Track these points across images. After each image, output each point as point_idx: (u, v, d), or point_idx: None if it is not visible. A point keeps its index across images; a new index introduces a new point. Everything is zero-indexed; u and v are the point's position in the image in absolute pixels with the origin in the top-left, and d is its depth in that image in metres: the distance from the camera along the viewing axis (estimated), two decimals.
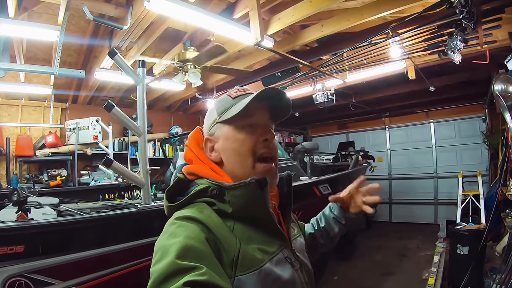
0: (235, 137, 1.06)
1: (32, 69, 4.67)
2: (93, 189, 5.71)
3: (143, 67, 2.92)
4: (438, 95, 7.57)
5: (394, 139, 10.32)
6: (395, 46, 4.92)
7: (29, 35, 4.04)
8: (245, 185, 0.94)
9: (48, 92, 6.55)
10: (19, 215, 2.66)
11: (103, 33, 5.10)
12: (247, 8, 3.87)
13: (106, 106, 2.65)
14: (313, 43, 5.38)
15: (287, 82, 6.40)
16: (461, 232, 5.15)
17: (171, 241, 0.82)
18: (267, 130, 1.09)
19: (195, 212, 0.92)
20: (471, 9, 3.32)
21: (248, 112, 1.04)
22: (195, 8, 3.46)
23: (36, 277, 2.32)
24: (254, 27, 3.82)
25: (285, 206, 1.18)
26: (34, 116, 7.30)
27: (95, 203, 4.38)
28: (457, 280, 4.78)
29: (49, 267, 2.38)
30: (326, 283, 5.58)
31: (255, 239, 0.95)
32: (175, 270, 0.72)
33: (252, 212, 0.96)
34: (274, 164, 1.09)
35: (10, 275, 2.23)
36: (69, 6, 3.81)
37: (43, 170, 7.17)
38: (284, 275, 0.95)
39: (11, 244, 2.27)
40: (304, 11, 3.86)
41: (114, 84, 6.88)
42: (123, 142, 7.89)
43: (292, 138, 12.01)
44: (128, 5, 4.06)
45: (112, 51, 2.80)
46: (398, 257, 6.77)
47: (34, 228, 2.44)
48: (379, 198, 1.41)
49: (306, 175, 5.19)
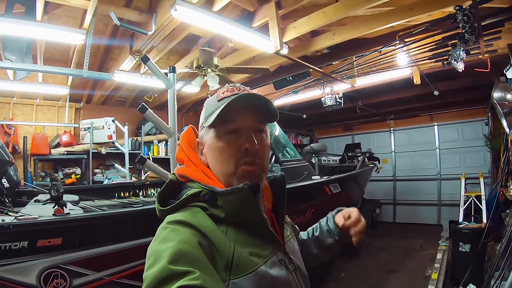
0: (216, 144, 1.03)
1: (62, 71, 4.80)
2: (108, 187, 5.79)
3: (174, 72, 3.10)
4: (442, 99, 7.64)
5: (399, 141, 10.40)
6: (402, 54, 5.10)
7: (56, 38, 4.12)
8: (237, 191, 0.92)
9: (64, 92, 6.71)
10: (56, 209, 2.85)
11: (121, 36, 5.25)
12: (266, 17, 4.05)
13: (140, 108, 2.81)
14: (323, 49, 5.54)
15: (300, 86, 6.57)
16: (463, 231, 5.30)
17: (163, 246, 0.81)
18: (249, 138, 1.01)
19: (188, 216, 0.91)
20: (473, 24, 3.51)
21: (229, 117, 1.00)
22: (218, 17, 3.63)
23: (71, 268, 2.43)
24: (273, 36, 4.00)
25: (279, 208, 1.16)
26: (49, 115, 7.46)
27: (111, 201, 4.53)
28: (459, 277, 4.92)
29: (84, 259, 2.48)
30: (334, 280, 5.74)
31: (248, 243, 0.93)
32: (168, 275, 0.72)
33: (245, 217, 0.95)
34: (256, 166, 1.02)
35: (46, 267, 2.34)
36: (97, 12, 3.98)
37: (58, 168, 7.31)
38: (279, 278, 0.94)
39: (49, 237, 2.37)
40: (318, 21, 4.04)
41: (129, 86, 7.04)
42: (136, 141, 8.05)
43: (298, 139, 12.05)
44: (151, 11, 4.24)
45: (145, 57, 2.99)
46: (402, 256, 6.90)
47: (71, 222, 2.55)
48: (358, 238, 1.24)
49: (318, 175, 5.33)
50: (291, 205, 1.37)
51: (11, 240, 2.24)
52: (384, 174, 9.91)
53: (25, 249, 2.28)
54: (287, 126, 11.28)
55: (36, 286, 2.30)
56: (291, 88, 6.63)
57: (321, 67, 5.72)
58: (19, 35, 4.22)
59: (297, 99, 7.79)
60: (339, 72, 5.80)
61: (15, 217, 2.41)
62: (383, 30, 4.65)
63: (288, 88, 6.65)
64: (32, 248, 2.30)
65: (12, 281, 2.25)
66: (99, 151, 7.33)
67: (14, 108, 7.10)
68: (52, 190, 2.91)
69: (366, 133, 11.07)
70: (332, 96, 6.62)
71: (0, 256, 2.21)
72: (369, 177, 7.48)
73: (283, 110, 8.95)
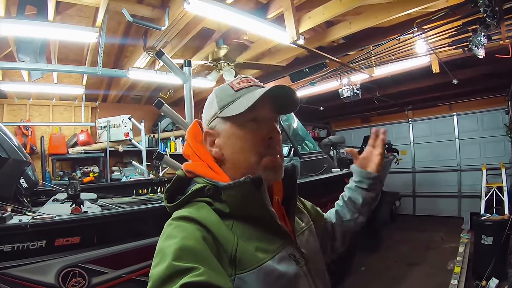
0: (237, 135, 1.01)
1: (76, 69, 4.84)
2: (126, 185, 5.78)
3: (189, 66, 3.08)
4: (461, 87, 7.55)
5: (417, 132, 10.26)
6: (421, 42, 4.99)
7: (68, 37, 4.12)
8: (239, 185, 0.91)
9: (79, 92, 6.74)
10: (74, 208, 2.84)
11: (134, 34, 5.23)
12: (281, 8, 3.96)
13: (156, 103, 2.80)
14: (339, 39, 5.43)
15: (317, 78, 6.50)
16: (486, 223, 5.21)
17: (168, 242, 0.81)
18: (273, 127, 1.02)
19: (193, 211, 0.91)
20: (494, 8, 3.40)
21: (252, 105, 0.97)
22: (232, 9, 3.56)
23: (90, 266, 2.44)
24: (290, 27, 3.91)
25: (290, 199, 1.13)
26: (65, 115, 7.58)
27: (130, 198, 4.53)
28: (481, 270, 4.85)
29: (102, 257, 2.49)
30: (355, 274, 5.68)
31: (255, 237, 0.92)
32: (172, 273, 0.72)
33: (250, 211, 0.94)
34: (280, 158, 1.03)
35: (65, 266, 2.35)
36: (108, 9, 3.95)
37: (76, 167, 7.43)
38: (287, 273, 0.92)
39: (67, 236, 2.38)
40: (334, 10, 3.93)
41: (144, 83, 7.05)
42: (153, 138, 8.09)
43: (316, 132, 11.99)
44: (164, 6, 4.20)
45: (159, 52, 2.98)
46: (423, 249, 6.83)
47: (89, 220, 2.55)
48: (383, 137, 1.37)
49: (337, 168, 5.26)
50: (310, 199, 1.38)
51: (29, 240, 2.26)
52: (403, 166, 9.79)
53: (43, 249, 2.30)
54: (304, 119, 11.13)
55: (55, 285, 2.32)
56: (307, 80, 6.55)
57: (338, 57, 5.61)
58: (32, 36, 4.24)
59: (314, 91, 7.71)
60: (356, 62, 5.71)
61: (32, 216, 2.40)
62: (400, 18, 4.51)
63: (305, 80, 6.57)
64: (50, 247, 2.31)
65: (31, 280, 2.27)
66: (116, 149, 7.44)
67: (30, 109, 7.25)
68: (69, 189, 2.91)
69: (384, 125, 10.68)
70: (349, 87, 6.55)
71: (19, 256, 2.23)
72: (388, 169, 7.36)
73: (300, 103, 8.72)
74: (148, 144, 7.80)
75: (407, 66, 6.06)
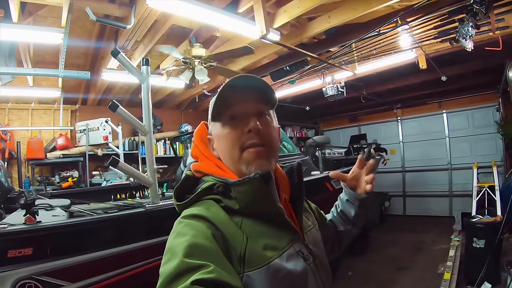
0: (223, 135, 1.04)
1: (37, 72, 4.75)
2: (105, 190, 5.74)
3: (147, 65, 2.89)
4: (450, 84, 7.43)
5: (407, 131, 10.16)
6: (404, 34, 4.83)
7: (34, 39, 4.07)
8: (249, 180, 0.92)
9: (57, 95, 6.60)
10: (27, 218, 2.66)
11: (109, 35, 5.07)
12: (251, 1, 3.81)
13: (110, 106, 2.62)
14: (321, 35, 5.27)
15: (295, 76, 6.34)
16: (477, 225, 5.06)
17: (178, 240, 0.82)
18: (249, 120, 1.01)
19: (202, 209, 0.92)
20: None
21: (228, 104, 1.02)
22: (198, 3, 3.39)
23: (45, 279, 2.36)
24: (259, 20, 3.76)
25: (297, 198, 1.14)
26: (45, 119, 7.41)
27: (106, 203, 4.46)
28: (473, 274, 4.73)
29: (58, 269, 2.40)
30: (341, 279, 5.52)
31: (264, 234, 0.93)
32: (183, 269, 0.72)
33: (259, 208, 0.95)
34: (262, 147, 1.02)
35: (20, 278, 2.27)
36: (72, 8, 3.79)
37: (55, 172, 7.27)
38: (295, 270, 0.93)
39: (20, 247, 2.30)
40: (310, 2, 3.78)
41: (122, 85, 6.90)
42: (133, 141, 7.92)
43: (303, 132, 11.93)
44: (131, 4, 4.02)
45: (114, 50, 2.77)
46: (413, 251, 6.70)
47: (41, 231, 2.46)
48: (372, 177, 1.33)
49: (318, 170, 5.10)
50: None
51: None
52: (392, 165, 9.70)
53: None
54: (290, 119, 11.22)
55: None
56: (289, 79, 6.40)
57: (320, 54, 5.47)
58: None
59: (297, 90, 7.61)
60: (336, 58, 5.54)
61: None
62: (383, 11, 4.39)
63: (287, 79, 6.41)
64: (3, 259, 2.26)
65: None
66: (95, 152, 7.28)
67: (9, 113, 7.04)
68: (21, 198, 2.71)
69: (372, 124, 10.90)
70: (333, 86, 6.40)
71: None
72: (376, 169, 7.21)
73: (284, 103, 8.80)
74: (129, 147, 7.72)
75: (392, 62, 5.93)
